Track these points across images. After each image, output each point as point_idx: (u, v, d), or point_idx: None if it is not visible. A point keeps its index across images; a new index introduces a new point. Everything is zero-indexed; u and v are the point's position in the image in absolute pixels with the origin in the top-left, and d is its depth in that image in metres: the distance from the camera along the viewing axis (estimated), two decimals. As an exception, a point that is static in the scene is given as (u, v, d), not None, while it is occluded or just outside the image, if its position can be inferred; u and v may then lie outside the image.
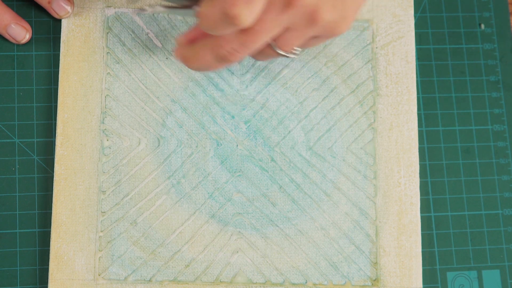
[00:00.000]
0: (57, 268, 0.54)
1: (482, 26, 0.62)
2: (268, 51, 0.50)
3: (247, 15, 0.43)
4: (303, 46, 0.51)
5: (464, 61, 0.61)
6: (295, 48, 0.50)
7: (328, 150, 0.58)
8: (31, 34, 0.58)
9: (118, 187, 0.56)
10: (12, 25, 0.57)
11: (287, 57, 0.50)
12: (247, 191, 0.57)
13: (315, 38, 0.50)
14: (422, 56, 0.61)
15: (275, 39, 0.48)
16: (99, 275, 0.55)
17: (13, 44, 0.58)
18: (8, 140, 0.57)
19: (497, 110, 0.61)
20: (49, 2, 0.57)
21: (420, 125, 0.60)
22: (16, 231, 0.55)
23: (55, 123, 0.57)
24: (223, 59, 0.48)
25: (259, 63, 0.59)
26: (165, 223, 0.56)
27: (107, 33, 0.58)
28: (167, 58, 0.58)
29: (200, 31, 0.49)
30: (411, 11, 0.60)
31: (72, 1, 0.58)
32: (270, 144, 0.58)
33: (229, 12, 0.43)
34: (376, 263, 0.56)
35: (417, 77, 0.60)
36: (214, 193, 0.57)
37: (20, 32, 0.57)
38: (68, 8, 0.57)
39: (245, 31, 0.46)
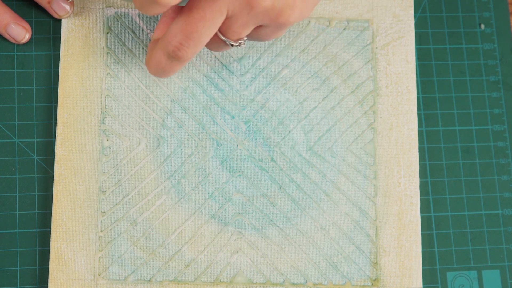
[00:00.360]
0: (57, 268, 0.54)
1: (482, 26, 0.62)
2: (218, 40, 0.50)
3: None
4: (254, 37, 0.51)
5: (464, 61, 0.61)
6: (243, 38, 0.50)
7: (328, 150, 0.58)
8: (30, 34, 0.58)
9: (118, 187, 0.56)
10: (12, 25, 0.57)
11: (235, 46, 0.51)
12: (247, 191, 0.57)
13: (265, 28, 0.50)
14: (422, 56, 0.61)
15: (221, 29, 0.49)
16: (99, 275, 0.55)
17: (13, 44, 0.58)
18: (8, 140, 0.57)
19: (497, 110, 0.61)
20: (49, 2, 0.57)
21: (420, 125, 0.60)
22: (16, 231, 0.55)
23: (55, 123, 0.57)
24: (173, 56, 0.49)
25: (259, 63, 0.59)
26: (165, 223, 0.56)
27: (107, 33, 0.58)
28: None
29: (160, 28, 0.50)
30: (411, 11, 0.60)
31: (72, 1, 0.58)
32: (270, 144, 0.58)
33: None
34: (376, 263, 0.56)
35: (417, 77, 0.60)
36: (214, 193, 0.57)
37: (20, 32, 0.57)
38: (68, 7, 0.57)
39: (186, 22, 0.47)
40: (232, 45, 0.50)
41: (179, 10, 0.49)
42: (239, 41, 0.50)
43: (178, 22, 0.48)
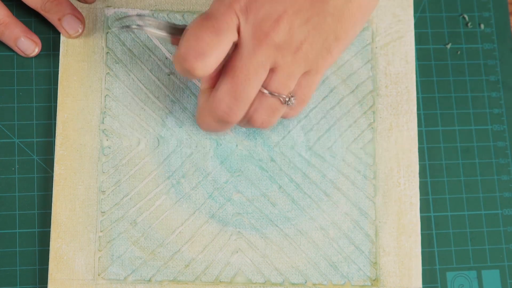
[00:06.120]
0: (57, 268, 0.54)
1: (482, 26, 0.62)
2: (268, 100, 0.49)
3: (201, 68, 0.46)
4: (302, 89, 0.51)
5: (464, 61, 0.61)
6: (291, 93, 0.50)
7: (327, 150, 0.58)
8: (40, 48, 0.58)
9: (118, 187, 0.56)
10: (22, 39, 0.57)
11: (287, 103, 0.50)
12: (246, 191, 0.57)
13: (307, 75, 0.50)
14: (421, 56, 0.61)
15: (267, 86, 0.49)
16: (98, 275, 0.55)
17: (13, 44, 0.58)
18: (8, 140, 0.57)
19: (496, 110, 0.61)
20: (59, 19, 0.57)
21: (419, 125, 0.60)
22: (16, 231, 0.56)
23: (55, 123, 0.57)
24: (222, 121, 0.49)
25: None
26: (165, 223, 0.56)
27: (107, 33, 0.58)
28: (166, 58, 0.58)
29: (206, 80, 0.50)
30: (411, 11, 0.60)
31: (83, 20, 0.57)
32: (270, 144, 0.58)
33: (184, 66, 0.46)
34: (375, 263, 0.56)
35: (416, 77, 0.60)
36: (214, 193, 0.57)
37: (30, 46, 0.57)
38: (79, 27, 0.57)
39: (231, 84, 0.47)
40: (285, 102, 0.50)
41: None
42: (290, 95, 0.50)
43: (222, 86, 0.48)
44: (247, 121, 0.51)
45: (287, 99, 0.50)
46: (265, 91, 0.49)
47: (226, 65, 0.48)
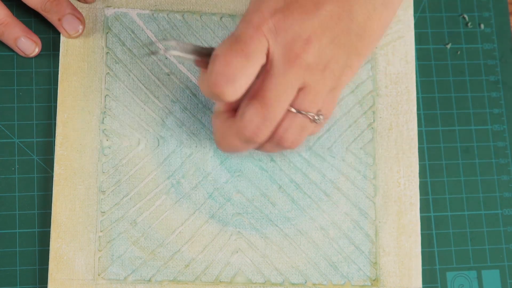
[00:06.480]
0: (57, 268, 0.54)
1: (482, 26, 0.62)
2: (297, 119, 0.49)
3: (231, 93, 0.46)
4: (326, 105, 0.50)
5: (464, 61, 0.61)
6: (319, 111, 0.49)
7: (327, 150, 0.58)
8: (40, 48, 0.58)
9: (118, 187, 0.56)
10: (22, 39, 0.57)
11: (316, 121, 0.49)
12: (246, 191, 0.57)
13: (333, 92, 0.49)
14: (421, 56, 0.61)
15: (295, 105, 0.48)
16: (98, 275, 0.55)
17: (13, 44, 0.58)
18: (8, 140, 0.57)
19: (496, 110, 0.61)
20: (59, 20, 0.57)
21: (419, 125, 0.60)
22: (15, 231, 0.56)
23: (55, 123, 0.57)
24: (250, 141, 0.48)
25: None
26: (165, 223, 0.56)
27: (107, 33, 0.58)
28: (166, 58, 0.58)
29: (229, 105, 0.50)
30: (411, 11, 0.60)
31: (83, 20, 0.57)
32: (270, 144, 0.58)
33: (213, 91, 0.46)
34: (375, 263, 0.56)
35: (416, 77, 0.60)
36: (214, 193, 0.57)
37: (30, 46, 0.57)
38: (79, 27, 0.57)
39: (260, 105, 0.46)
40: (314, 119, 0.49)
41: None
42: (319, 113, 0.49)
43: (251, 106, 0.47)
44: (277, 143, 0.50)
45: (316, 117, 0.49)
46: (294, 110, 0.48)
47: (252, 86, 0.47)
